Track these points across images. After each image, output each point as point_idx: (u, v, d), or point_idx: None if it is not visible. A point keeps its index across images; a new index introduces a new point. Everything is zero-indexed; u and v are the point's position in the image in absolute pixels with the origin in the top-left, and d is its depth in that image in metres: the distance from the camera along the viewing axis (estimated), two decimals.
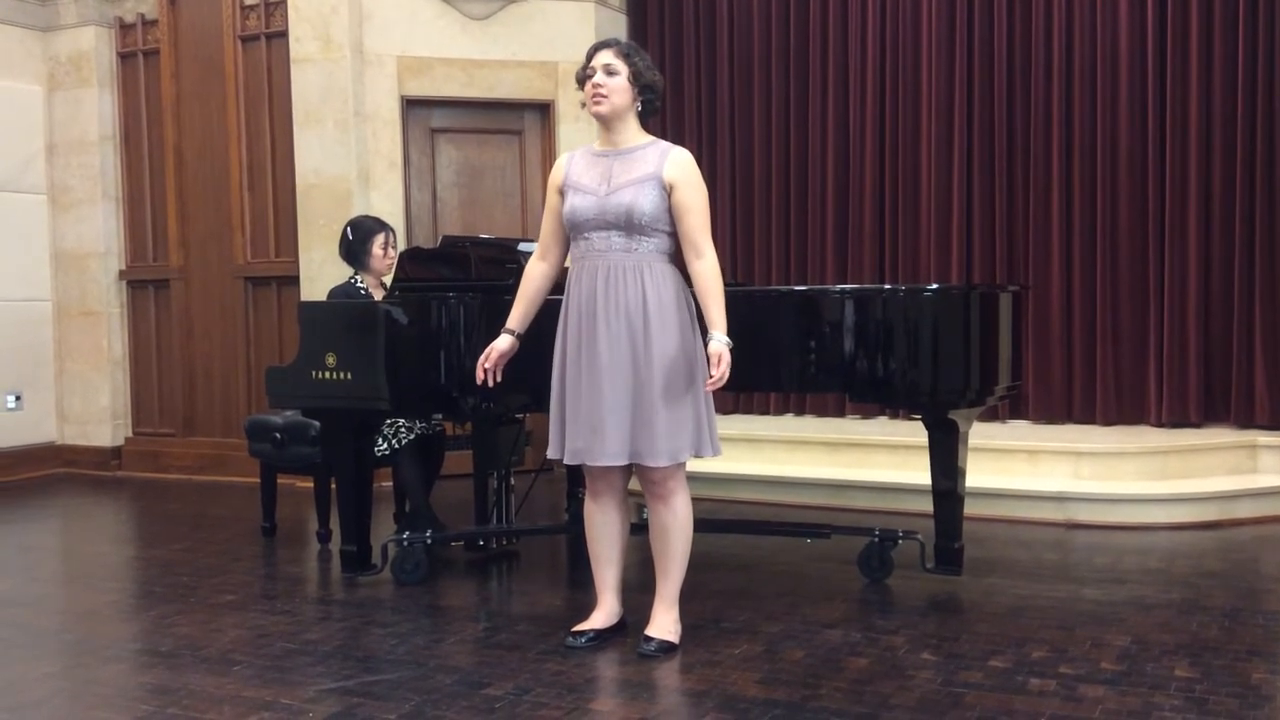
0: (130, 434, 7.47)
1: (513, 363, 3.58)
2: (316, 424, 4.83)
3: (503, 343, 3.53)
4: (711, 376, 3.24)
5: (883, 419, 6.57)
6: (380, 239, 4.91)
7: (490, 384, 3.52)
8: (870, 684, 3.12)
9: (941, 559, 4.15)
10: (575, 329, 3.37)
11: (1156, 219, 6.08)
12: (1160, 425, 6.03)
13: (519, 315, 3.56)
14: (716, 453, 3.42)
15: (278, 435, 5.06)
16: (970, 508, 4.31)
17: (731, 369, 3.25)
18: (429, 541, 4.40)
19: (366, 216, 5.16)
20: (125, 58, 7.32)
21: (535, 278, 3.56)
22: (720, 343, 3.25)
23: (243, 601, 4.14)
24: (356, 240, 4.92)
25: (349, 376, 4.19)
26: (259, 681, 3.25)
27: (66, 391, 7.51)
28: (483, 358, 3.52)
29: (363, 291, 4.88)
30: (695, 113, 7.21)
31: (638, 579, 3.90)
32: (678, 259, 3.42)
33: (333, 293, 4.95)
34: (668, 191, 3.32)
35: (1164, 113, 6.03)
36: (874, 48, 6.71)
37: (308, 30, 6.55)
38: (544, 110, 6.93)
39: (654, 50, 7.11)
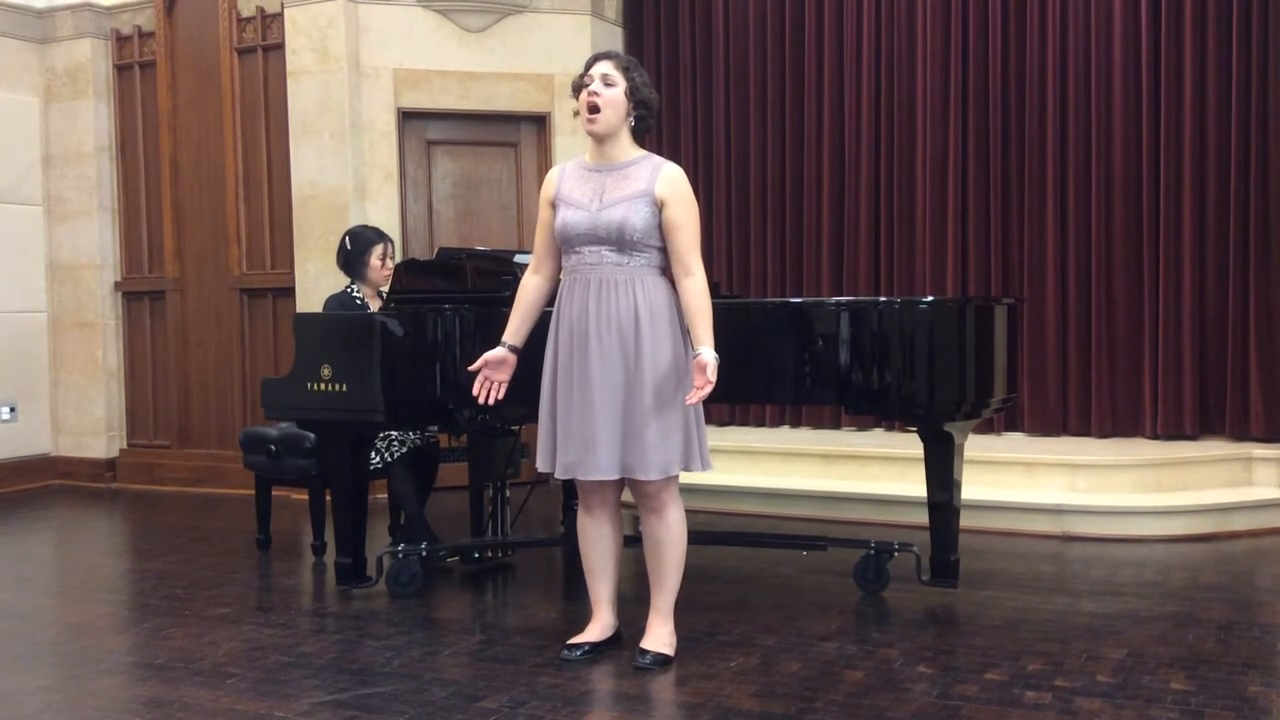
0: (125, 446, 7.46)
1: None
2: (311, 436, 4.83)
3: (495, 353, 3.49)
4: (697, 386, 3.20)
5: (878, 431, 6.57)
6: (379, 250, 4.91)
7: (490, 401, 3.50)
8: (866, 697, 3.12)
9: (937, 571, 4.14)
10: (566, 342, 3.36)
11: (1151, 231, 6.09)
12: (1155, 438, 6.03)
13: (514, 328, 3.53)
14: (706, 467, 3.41)
15: (273, 447, 5.05)
16: (966, 520, 4.31)
17: (727, 381, 3.23)
18: (424, 554, 4.39)
19: (366, 227, 5.16)
20: (122, 69, 7.32)
21: (530, 291, 3.55)
22: (708, 354, 3.23)
23: (237, 614, 4.13)
24: (355, 251, 4.92)
25: (344, 388, 4.19)
26: (253, 694, 3.24)
27: (61, 403, 7.50)
28: (474, 365, 3.50)
29: (359, 301, 4.88)
30: (691, 125, 7.23)
31: (633, 591, 3.90)
32: (670, 272, 3.40)
33: (328, 302, 4.95)
34: (659, 208, 3.32)
35: (1159, 125, 6.05)
36: (869, 60, 6.73)
37: (304, 43, 6.56)
38: (540, 122, 6.94)
39: (650, 63, 7.14)
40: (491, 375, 3.49)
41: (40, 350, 7.44)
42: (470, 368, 3.52)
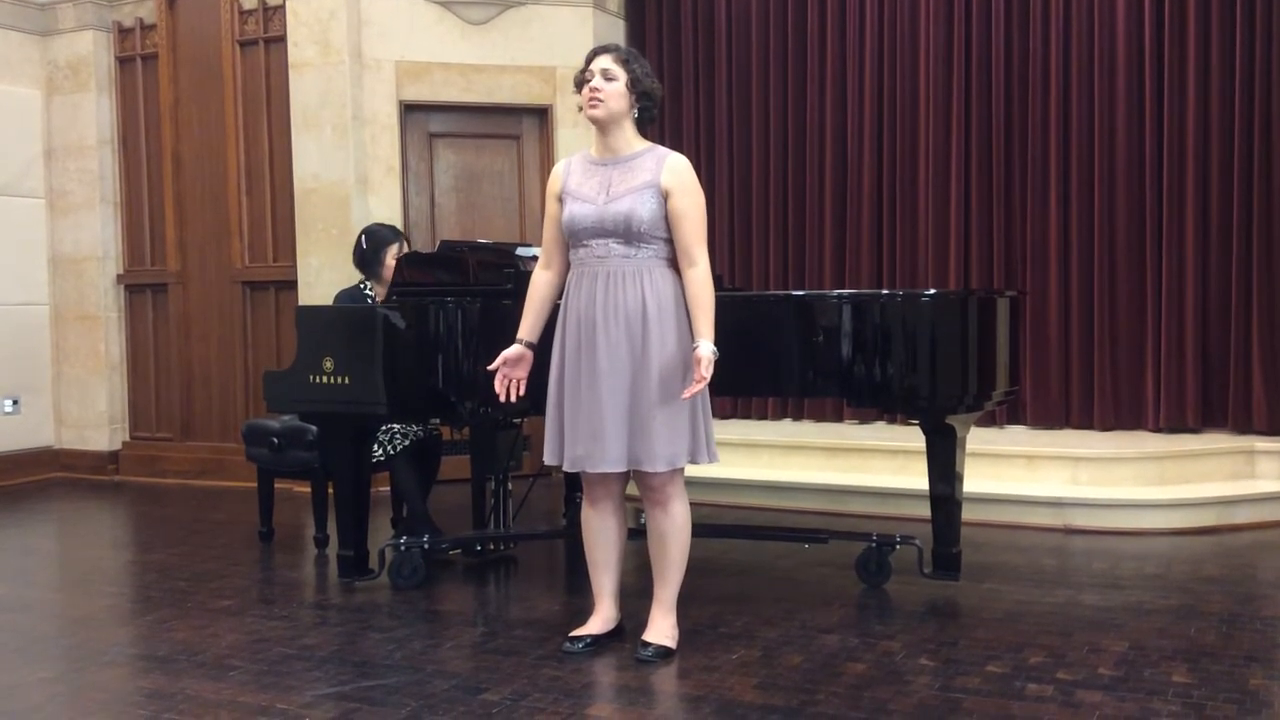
0: (128, 438, 7.46)
1: None
2: (314, 428, 4.84)
3: (512, 350, 3.50)
4: (694, 380, 3.21)
5: (881, 424, 6.57)
6: (394, 249, 4.90)
7: (513, 399, 3.50)
8: (868, 690, 3.12)
9: (939, 564, 4.15)
10: (574, 335, 3.36)
11: (1154, 224, 6.08)
12: (1158, 430, 6.03)
13: (529, 325, 3.52)
14: (713, 459, 3.41)
15: (275, 440, 5.06)
16: (968, 513, 4.30)
17: (730, 374, 3.23)
18: (426, 546, 4.40)
19: (382, 225, 5.15)
20: (124, 62, 7.32)
21: (541, 286, 3.54)
22: (706, 348, 3.24)
23: (240, 606, 4.14)
24: (370, 249, 4.92)
25: (347, 381, 4.19)
26: (256, 686, 3.25)
27: (64, 396, 7.50)
28: (493, 365, 3.50)
29: (370, 298, 4.88)
30: (694, 118, 7.21)
31: (635, 584, 3.90)
32: (677, 264, 3.40)
33: (340, 296, 4.97)
34: (665, 198, 3.32)
35: (1161, 118, 6.04)
36: (872, 53, 6.71)
37: (306, 35, 6.55)
38: (542, 115, 6.93)
39: (652, 56, 7.11)
40: (510, 373, 3.49)
41: (42, 343, 7.44)
42: (489, 367, 3.51)
